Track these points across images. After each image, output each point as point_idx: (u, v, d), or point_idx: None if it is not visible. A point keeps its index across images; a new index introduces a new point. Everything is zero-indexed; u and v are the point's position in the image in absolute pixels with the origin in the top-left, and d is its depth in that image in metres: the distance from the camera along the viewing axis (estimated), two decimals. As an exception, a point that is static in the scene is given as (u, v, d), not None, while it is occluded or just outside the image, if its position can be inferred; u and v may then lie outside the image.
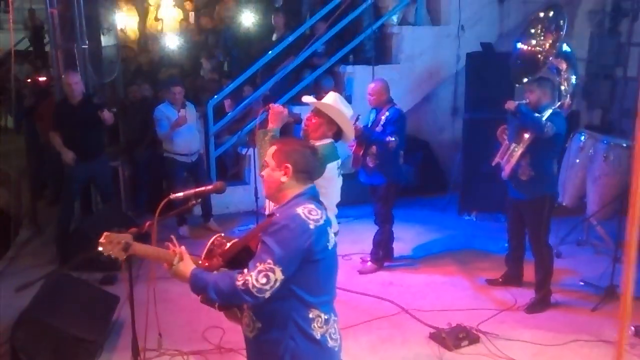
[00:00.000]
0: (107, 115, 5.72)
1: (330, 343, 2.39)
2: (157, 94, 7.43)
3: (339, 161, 3.69)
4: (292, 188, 2.37)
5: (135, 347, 2.85)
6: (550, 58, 4.47)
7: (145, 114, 6.88)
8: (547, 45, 4.57)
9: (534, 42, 4.67)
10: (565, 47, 4.61)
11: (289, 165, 2.35)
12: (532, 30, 4.66)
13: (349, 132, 3.81)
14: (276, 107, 3.64)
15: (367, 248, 5.57)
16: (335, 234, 3.70)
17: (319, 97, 7.72)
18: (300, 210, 2.28)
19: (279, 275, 2.19)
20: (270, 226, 2.26)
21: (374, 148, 5.23)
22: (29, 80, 9.09)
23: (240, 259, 2.39)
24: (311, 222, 2.26)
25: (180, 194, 2.78)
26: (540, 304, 4.72)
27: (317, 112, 3.73)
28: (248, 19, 8.90)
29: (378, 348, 4.17)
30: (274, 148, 2.43)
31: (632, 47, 7.37)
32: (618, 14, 7.51)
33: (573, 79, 4.67)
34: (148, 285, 3.02)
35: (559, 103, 4.64)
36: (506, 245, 5.25)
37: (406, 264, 5.70)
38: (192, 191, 2.75)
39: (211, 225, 6.74)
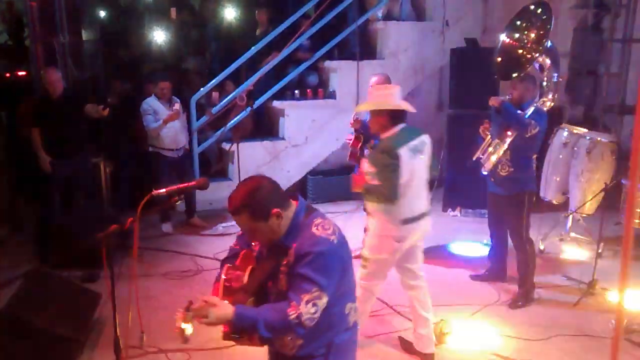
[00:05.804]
0: (105, 112, 5.65)
1: (355, 319, 2.50)
2: (141, 89, 7.34)
3: (412, 143, 3.62)
4: (286, 217, 2.34)
5: (117, 345, 2.80)
6: (537, 55, 4.46)
7: (127, 109, 6.79)
8: (530, 40, 4.56)
9: (517, 35, 4.66)
10: (549, 44, 4.61)
11: (274, 209, 2.28)
12: (518, 23, 4.65)
13: (403, 105, 3.73)
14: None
15: (359, 243, 5.54)
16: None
17: (301, 92, 7.72)
18: (316, 231, 2.29)
19: (325, 300, 2.25)
20: (300, 259, 2.25)
21: (372, 142, 5.20)
22: (7, 75, 8.93)
23: (264, 290, 2.39)
24: (332, 236, 2.29)
25: (163, 191, 2.74)
26: (524, 299, 4.75)
27: (370, 113, 3.76)
28: (231, 13, 8.83)
29: (362, 344, 4.12)
30: (244, 216, 2.29)
31: (614, 43, 7.43)
32: (601, 10, 7.56)
33: (555, 76, 4.67)
34: (130, 282, 2.97)
35: (542, 100, 4.65)
36: (489, 240, 5.27)
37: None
38: (174, 187, 2.71)
39: (194, 221, 6.69)
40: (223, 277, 2.44)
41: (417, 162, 3.63)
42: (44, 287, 4.26)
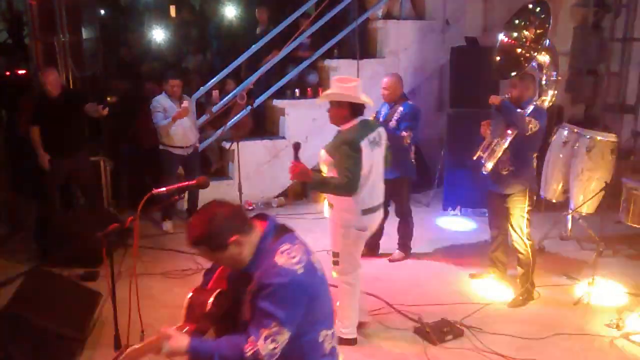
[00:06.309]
0: (105, 112, 5.65)
1: (333, 345, 2.40)
2: (141, 88, 7.35)
3: (371, 135, 3.72)
4: (248, 243, 2.24)
5: (117, 343, 2.81)
6: (535, 54, 4.46)
7: (127, 108, 6.78)
8: (529, 39, 4.56)
9: (515, 34, 4.66)
10: (547, 42, 4.61)
11: (232, 238, 2.19)
12: (517, 21, 4.65)
13: (365, 100, 3.78)
14: None
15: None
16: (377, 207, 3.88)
17: (302, 91, 7.73)
18: (279, 260, 2.17)
19: (286, 335, 2.14)
20: (261, 290, 2.14)
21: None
22: (7, 73, 8.92)
23: (228, 316, 2.31)
24: (297, 266, 2.17)
25: (163, 189, 2.74)
26: (524, 297, 4.75)
27: (330, 104, 3.84)
28: (231, 12, 8.83)
29: (363, 343, 4.16)
30: (202, 249, 2.22)
31: (614, 42, 7.43)
32: (601, 9, 7.55)
33: (554, 74, 4.68)
34: (130, 281, 2.97)
35: (541, 99, 4.66)
36: (489, 239, 5.27)
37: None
38: (174, 186, 2.71)
39: (195, 220, 6.68)
40: (188, 297, 2.36)
41: (375, 154, 3.74)
42: (44, 286, 4.26)
